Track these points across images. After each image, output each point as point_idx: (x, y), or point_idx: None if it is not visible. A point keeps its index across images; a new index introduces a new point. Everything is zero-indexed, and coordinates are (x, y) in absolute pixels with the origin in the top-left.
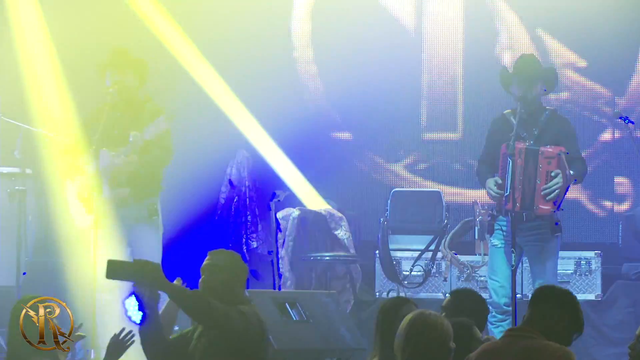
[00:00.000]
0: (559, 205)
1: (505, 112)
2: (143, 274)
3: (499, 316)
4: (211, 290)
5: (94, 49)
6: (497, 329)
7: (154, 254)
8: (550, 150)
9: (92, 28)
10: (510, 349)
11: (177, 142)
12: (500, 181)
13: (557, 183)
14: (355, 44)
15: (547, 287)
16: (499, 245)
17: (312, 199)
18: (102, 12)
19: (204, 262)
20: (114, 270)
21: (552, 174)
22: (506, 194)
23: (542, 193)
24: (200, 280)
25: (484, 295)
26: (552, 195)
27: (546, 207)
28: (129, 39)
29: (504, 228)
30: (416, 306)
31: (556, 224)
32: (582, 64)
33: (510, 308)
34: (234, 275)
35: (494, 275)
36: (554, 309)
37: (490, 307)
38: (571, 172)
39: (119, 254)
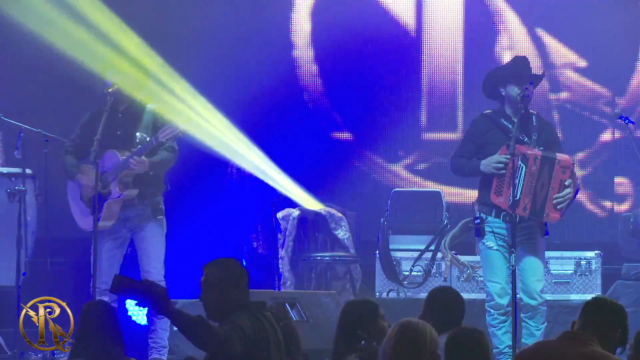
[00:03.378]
0: (563, 213)
1: (485, 112)
2: (148, 295)
3: (501, 317)
4: (210, 306)
5: (95, 50)
6: (499, 330)
7: (159, 253)
8: (565, 159)
9: (93, 28)
10: (569, 353)
11: (179, 141)
12: (504, 159)
13: (569, 193)
14: (355, 44)
15: (605, 299)
16: (494, 247)
17: (310, 203)
18: (102, 11)
19: (201, 279)
20: (120, 285)
21: (566, 183)
22: (516, 199)
23: (554, 202)
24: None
25: (484, 297)
26: (563, 204)
27: (555, 216)
28: (128, 37)
29: (495, 230)
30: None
31: (545, 224)
32: (582, 64)
33: (510, 309)
34: (227, 286)
35: (494, 277)
36: (610, 322)
37: (491, 310)
38: (578, 182)
39: (120, 256)
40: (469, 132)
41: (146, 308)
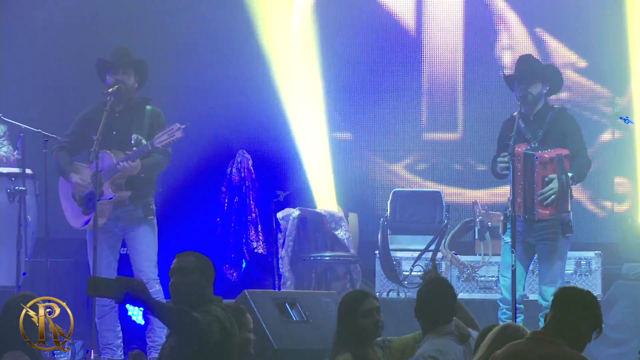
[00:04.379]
0: (565, 207)
1: (514, 113)
2: (126, 292)
3: (509, 313)
4: (181, 292)
5: (95, 48)
6: None
7: (150, 252)
8: (545, 155)
9: (94, 26)
10: (534, 353)
11: (178, 142)
12: (503, 159)
13: (552, 189)
14: (355, 44)
15: (569, 289)
16: (510, 244)
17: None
18: (103, 10)
19: (172, 265)
20: (96, 287)
21: (546, 180)
22: (510, 199)
23: (538, 198)
24: (169, 283)
25: (496, 296)
26: (549, 200)
27: (545, 212)
28: (132, 38)
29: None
30: (377, 300)
31: (568, 224)
32: (582, 64)
33: (522, 305)
34: (202, 276)
35: (506, 272)
36: (577, 312)
37: (501, 304)
38: (569, 174)
39: (115, 254)
40: (499, 134)
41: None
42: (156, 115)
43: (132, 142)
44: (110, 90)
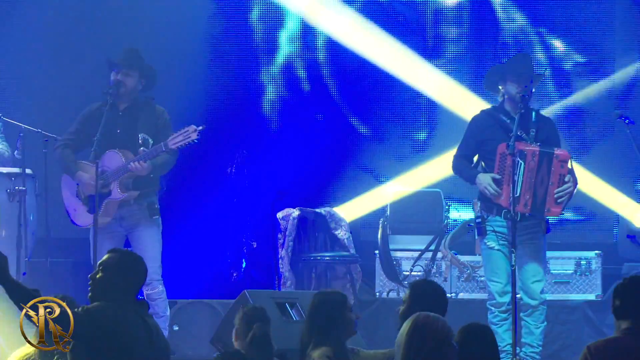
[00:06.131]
0: (565, 206)
1: (485, 109)
2: None
3: (502, 315)
4: (96, 286)
5: (96, 47)
6: (500, 328)
7: (155, 253)
8: (563, 153)
9: (94, 26)
10: None
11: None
12: (498, 177)
13: (570, 187)
14: (356, 44)
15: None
16: (496, 247)
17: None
18: (104, 9)
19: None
20: None
21: (565, 179)
22: (516, 195)
23: (555, 196)
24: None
25: (484, 296)
26: (564, 198)
27: (557, 210)
28: (136, 38)
29: (496, 229)
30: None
31: (547, 222)
32: (581, 61)
33: (510, 306)
34: (116, 275)
35: (495, 277)
36: None
37: (492, 308)
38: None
39: None
40: (469, 129)
41: None
42: (160, 113)
43: (140, 141)
44: (109, 90)
